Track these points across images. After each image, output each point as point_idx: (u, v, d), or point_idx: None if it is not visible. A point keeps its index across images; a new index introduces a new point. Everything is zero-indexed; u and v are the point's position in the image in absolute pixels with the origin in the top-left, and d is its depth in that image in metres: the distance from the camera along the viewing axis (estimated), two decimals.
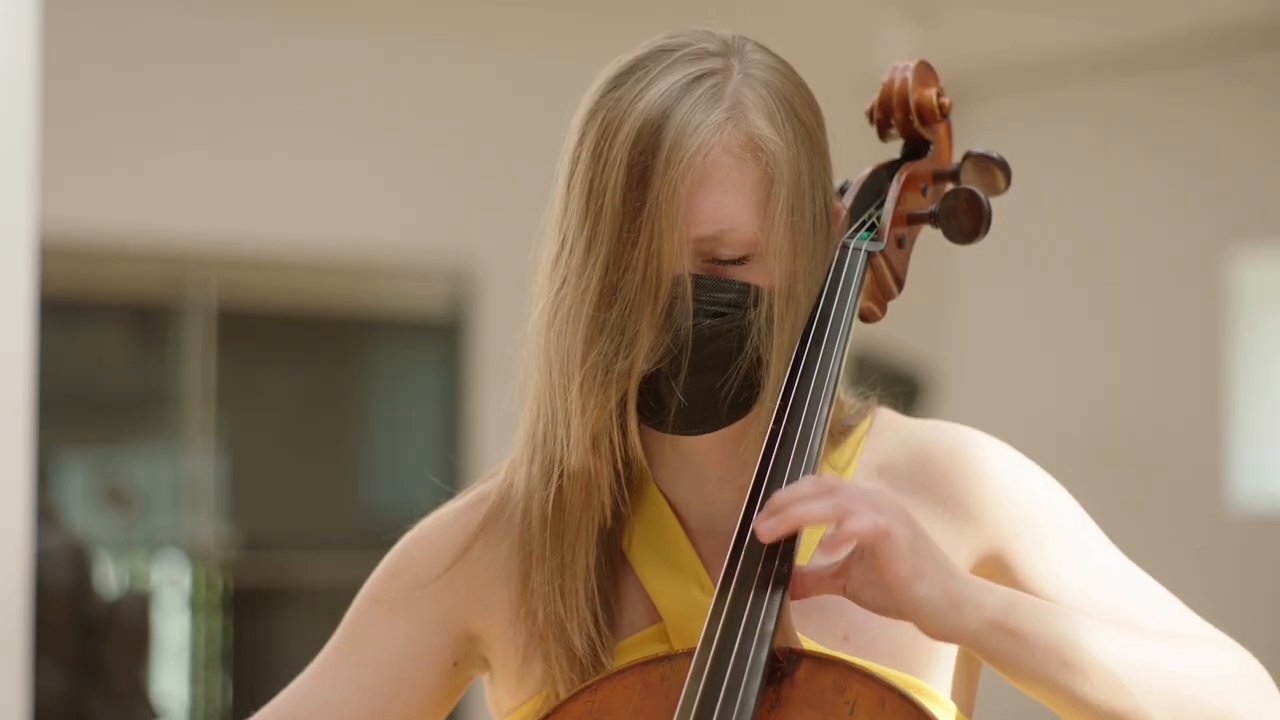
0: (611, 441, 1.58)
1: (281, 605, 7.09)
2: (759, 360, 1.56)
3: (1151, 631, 1.57)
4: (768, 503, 1.48)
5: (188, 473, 6.99)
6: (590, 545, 1.64)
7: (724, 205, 1.55)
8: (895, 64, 1.72)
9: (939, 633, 1.47)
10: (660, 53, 1.59)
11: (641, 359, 1.55)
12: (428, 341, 7.32)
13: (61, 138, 4.96)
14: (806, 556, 1.61)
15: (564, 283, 1.57)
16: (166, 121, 6.71)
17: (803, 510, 1.46)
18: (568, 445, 1.59)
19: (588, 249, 1.56)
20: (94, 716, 5.19)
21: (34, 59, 2.90)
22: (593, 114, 1.58)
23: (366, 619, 1.73)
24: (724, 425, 1.59)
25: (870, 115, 1.73)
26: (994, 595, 1.49)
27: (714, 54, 1.59)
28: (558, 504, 1.64)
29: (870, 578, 1.48)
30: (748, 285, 1.56)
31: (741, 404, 1.58)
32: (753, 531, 1.51)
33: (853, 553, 1.49)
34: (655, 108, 1.55)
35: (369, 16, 6.95)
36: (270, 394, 7.33)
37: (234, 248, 6.93)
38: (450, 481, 1.81)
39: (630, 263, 1.54)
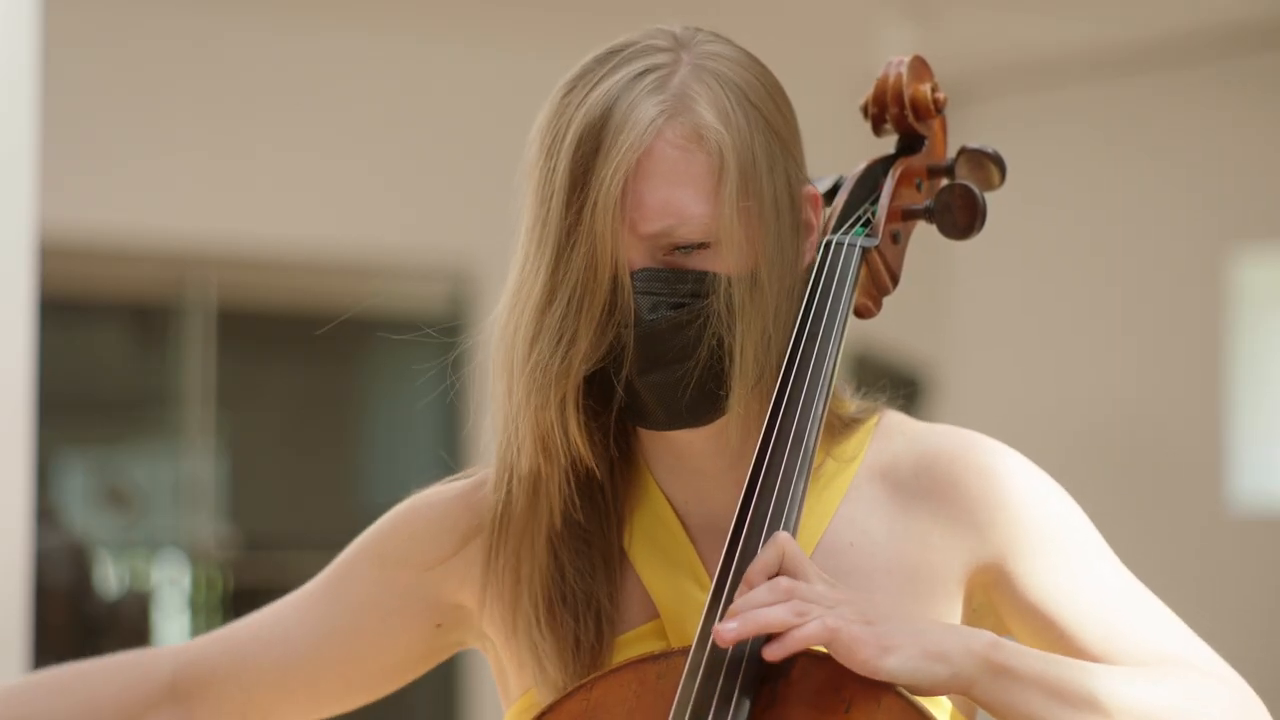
0: (560, 445, 1.58)
1: None
2: (720, 345, 1.56)
3: (1140, 662, 1.57)
4: (731, 606, 1.48)
5: (188, 473, 6.99)
6: (538, 552, 1.64)
7: (672, 198, 1.55)
8: (890, 59, 1.72)
9: (933, 689, 1.47)
10: (609, 54, 1.60)
11: (580, 359, 1.55)
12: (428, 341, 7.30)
13: (61, 138, 4.96)
14: (812, 545, 1.62)
15: (518, 285, 1.59)
16: (166, 121, 6.71)
17: (763, 616, 1.46)
18: (517, 447, 1.60)
19: (537, 252, 1.57)
20: None
21: (34, 59, 2.89)
22: (546, 122, 1.59)
23: (357, 569, 1.74)
24: (701, 417, 1.59)
25: (865, 110, 1.73)
26: (977, 635, 1.49)
27: (663, 49, 1.60)
28: (506, 508, 1.65)
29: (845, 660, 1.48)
30: (704, 274, 1.56)
31: (710, 394, 1.58)
32: (743, 543, 1.52)
33: None
34: (596, 108, 1.56)
35: (369, 16, 6.95)
36: (270, 394, 7.33)
37: (234, 248, 6.93)
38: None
39: (571, 262, 1.55)
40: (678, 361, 1.56)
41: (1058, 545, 1.62)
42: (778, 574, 1.50)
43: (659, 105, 1.56)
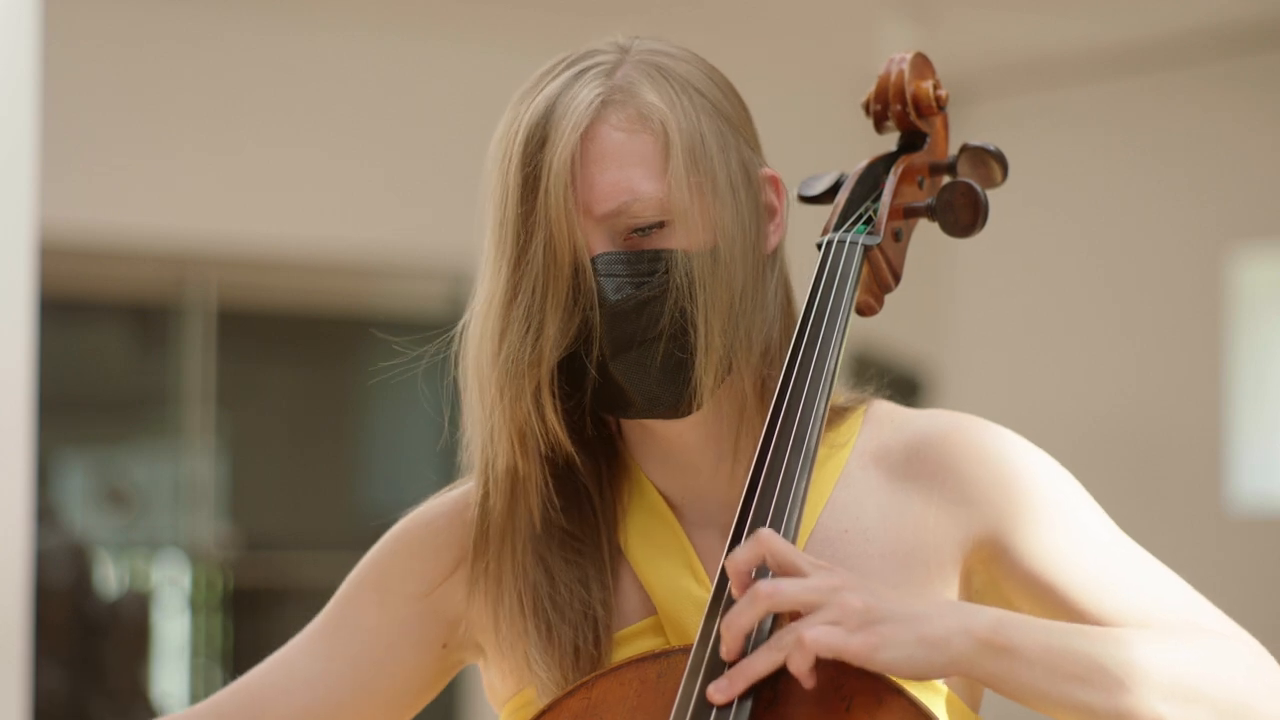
0: (538, 440, 1.59)
1: (281, 605, 7.10)
2: (684, 315, 1.57)
3: (1146, 623, 1.56)
4: (720, 626, 1.47)
5: (188, 473, 6.99)
6: (519, 553, 1.64)
7: (622, 177, 1.57)
8: (892, 55, 1.72)
9: (929, 676, 1.46)
10: (556, 64, 1.63)
11: (550, 345, 1.57)
12: (427, 342, 7.30)
13: (61, 138, 4.96)
14: (806, 533, 1.62)
15: (482, 290, 1.61)
16: (166, 121, 6.72)
17: (750, 670, 1.46)
18: (494, 446, 1.61)
19: (498, 252, 1.60)
20: (94, 716, 5.19)
21: (34, 59, 2.90)
22: (499, 135, 1.63)
23: (359, 599, 1.74)
24: (675, 399, 1.59)
25: (867, 107, 1.73)
26: (980, 616, 1.48)
27: (606, 53, 1.63)
28: (484, 510, 1.66)
29: None
30: (659, 251, 1.58)
31: (678, 367, 1.58)
32: (746, 533, 1.52)
33: None
34: (540, 106, 1.59)
35: (369, 16, 6.95)
36: (270, 394, 7.33)
37: (234, 248, 6.93)
38: (449, 482, 1.81)
39: (532, 253, 1.57)
40: (646, 340, 1.58)
41: (1054, 514, 1.61)
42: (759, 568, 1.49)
43: (598, 88, 1.59)
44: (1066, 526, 1.61)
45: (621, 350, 1.57)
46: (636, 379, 1.58)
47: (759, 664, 1.46)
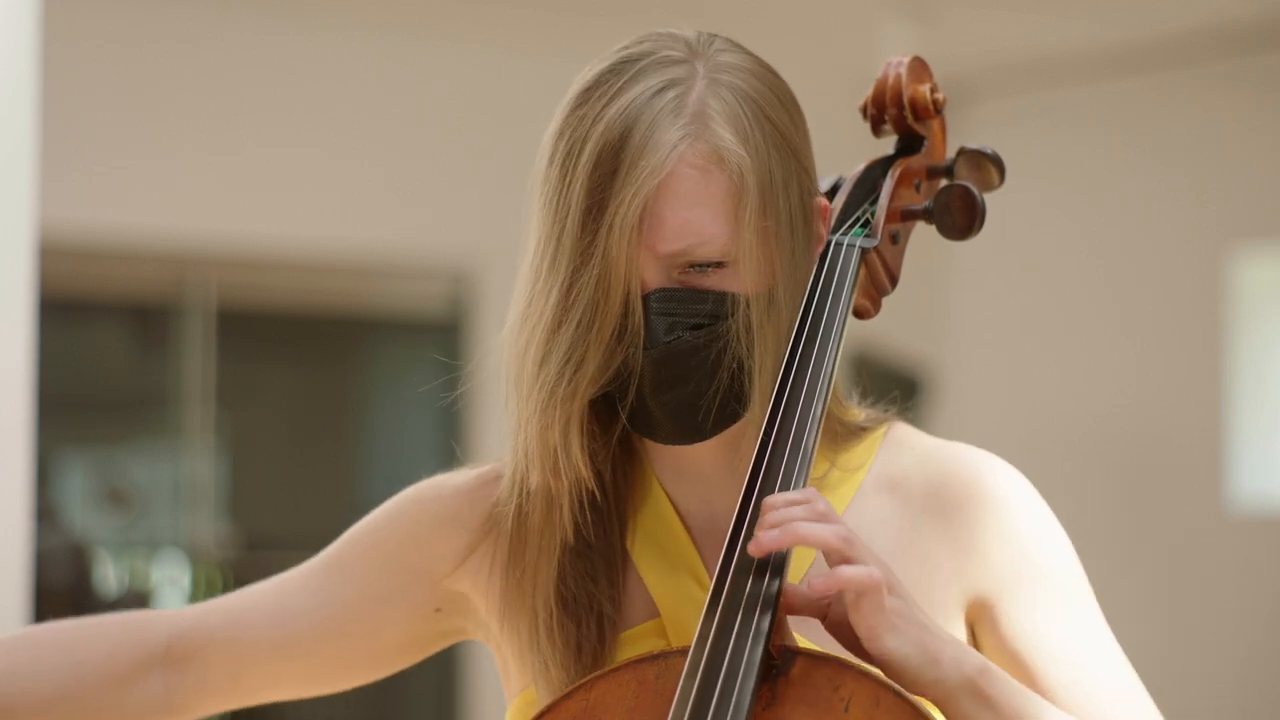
0: (563, 465, 1.59)
1: None
2: (740, 367, 1.56)
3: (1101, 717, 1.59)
4: (765, 510, 1.47)
5: (188, 473, 6.99)
6: (550, 564, 1.64)
7: (692, 218, 1.54)
8: (889, 59, 1.72)
9: (912, 684, 1.47)
10: (624, 63, 1.58)
11: (587, 382, 1.55)
12: (428, 341, 7.32)
13: (61, 138, 4.96)
14: (798, 571, 1.61)
15: (529, 301, 1.58)
16: (166, 121, 6.72)
17: (808, 531, 1.46)
18: (526, 463, 1.61)
19: (551, 269, 1.56)
20: None
21: (34, 59, 2.89)
22: (560, 133, 1.58)
23: (360, 552, 1.75)
24: (713, 434, 1.59)
25: (864, 111, 1.73)
26: (971, 658, 1.50)
27: (678, 60, 1.58)
28: (518, 519, 1.66)
29: (848, 619, 1.48)
30: (724, 294, 1.56)
31: (729, 414, 1.58)
32: (741, 543, 1.52)
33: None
34: (616, 127, 1.54)
35: (369, 16, 6.95)
36: (270, 394, 7.33)
37: (234, 248, 6.94)
38: None
39: (584, 284, 1.54)
40: (694, 381, 1.56)
41: (1050, 596, 1.63)
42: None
43: (680, 130, 1.54)
44: (1057, 612, 1.63)
45: (666, 389, 1.56)
46: (679, 415, 1.58)
47: (817, 532, 1.45)
